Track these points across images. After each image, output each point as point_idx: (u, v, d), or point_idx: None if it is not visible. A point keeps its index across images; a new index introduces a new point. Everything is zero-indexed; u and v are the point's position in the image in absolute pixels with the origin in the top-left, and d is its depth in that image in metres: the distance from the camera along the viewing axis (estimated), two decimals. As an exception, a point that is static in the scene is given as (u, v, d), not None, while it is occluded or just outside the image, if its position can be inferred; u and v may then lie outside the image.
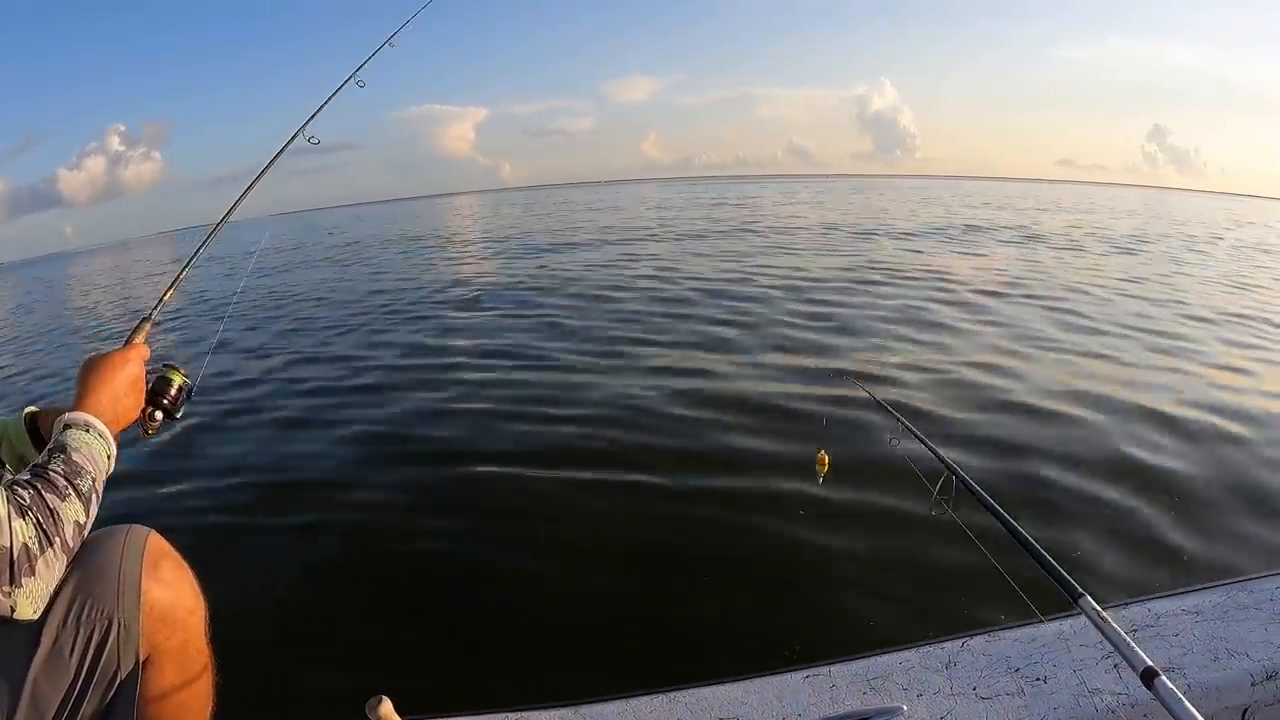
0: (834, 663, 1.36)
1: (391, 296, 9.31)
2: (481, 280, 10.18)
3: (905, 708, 1.29)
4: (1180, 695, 0.57)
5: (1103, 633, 0.74)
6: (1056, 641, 1.40)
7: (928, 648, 1.39)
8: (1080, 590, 0.81)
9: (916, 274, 9.25)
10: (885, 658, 1.37)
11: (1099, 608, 0.76)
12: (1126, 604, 1.49)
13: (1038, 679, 1.34)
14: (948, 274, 9.25)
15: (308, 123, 1.78)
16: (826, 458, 2.36)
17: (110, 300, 15.31)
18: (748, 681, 1.34)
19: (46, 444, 1.22)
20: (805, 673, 1.35)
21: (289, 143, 1.76)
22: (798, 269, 9.63)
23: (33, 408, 1.28)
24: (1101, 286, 8.62)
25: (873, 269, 9.63)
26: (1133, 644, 0.68)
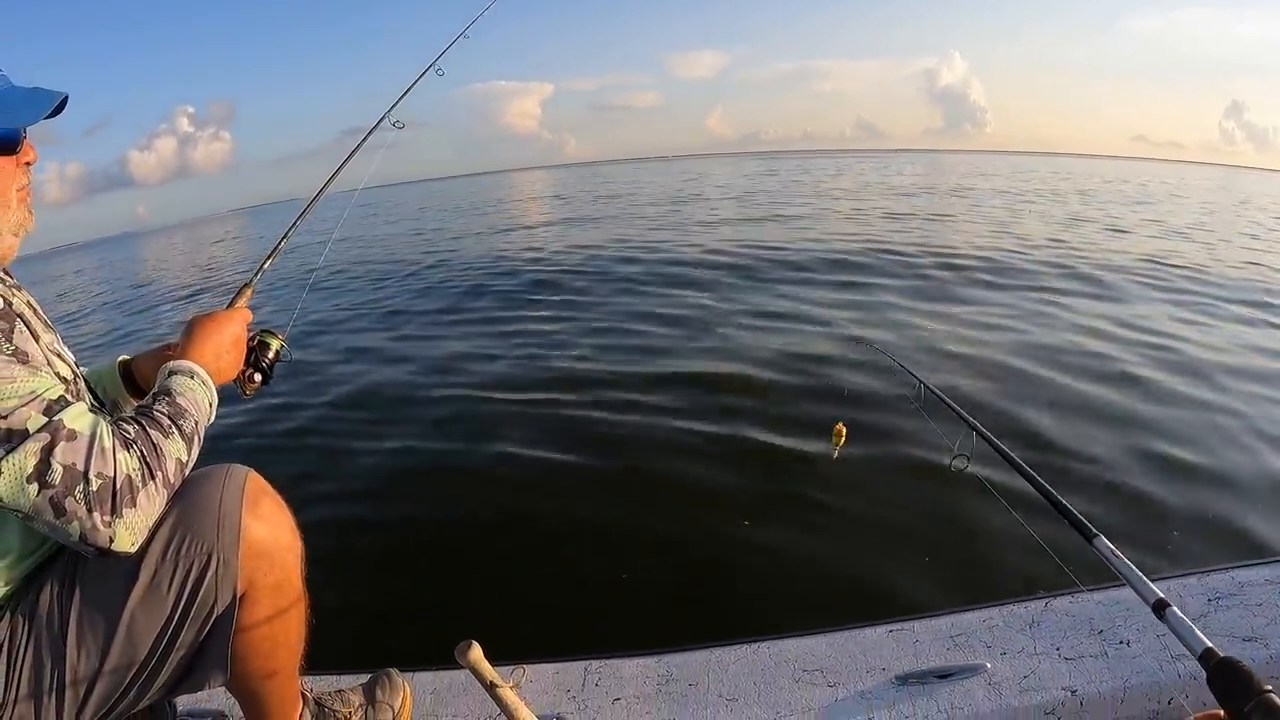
0: (918, 618, 1.36)
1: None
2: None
3: (989, 665, 1.30)
4: (1190, 623, 0.59)
5: (1114, 567, 0.76)
6: (1140, 605, 1.39)
7: (1011, 606, 1.38)
8: (1094, 530, 0.82)
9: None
10: (968, 615, 1.37)
11: (1112, 545, 0.78)
12: (1209, 571, 1.47)
13: (1121, 642, 1.33)
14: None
15: (391, 109, 1.82)
16: (844, 430, 2.37)
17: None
18: (831, 634, 1.34)
19: (140, 390, 1.25)
20: (888, 627, 1.35)
21: (374, 128, 1.80)
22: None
23: (125, 356, 1.29)
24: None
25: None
26: (1143, 576, 0.70)
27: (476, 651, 1.25)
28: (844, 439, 2.31)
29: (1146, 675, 1.28)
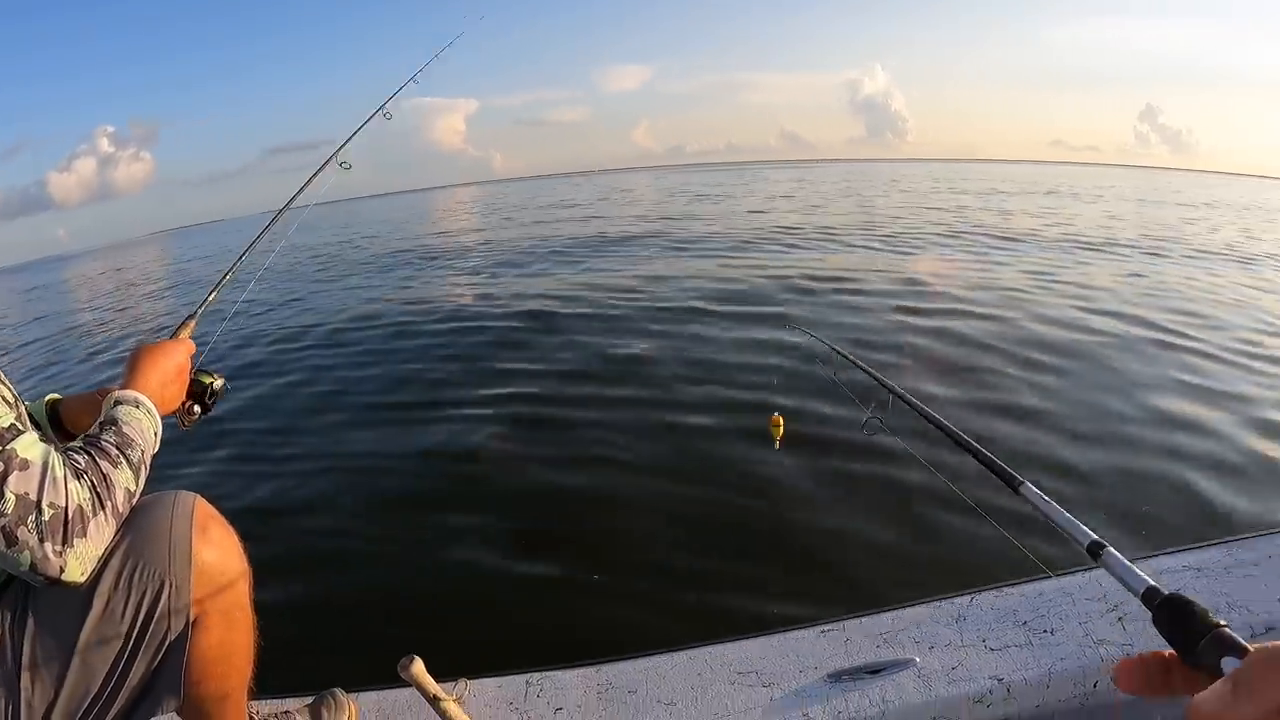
0: (847, 618, 1.40)
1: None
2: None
3: (918, 659, 1.34)
4: (1128, 563, 0.56)
5: (1045, 514, 0.73)
6: (1062, 596, 1.44)
7: (939, 603, 1.43)
8: (1020, 478, 0.80)
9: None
10: (897, 613, 1.41)
11: (1039, 492, 0.76)
12: (1135, 559, 1.52)
13: (1045, 631, 1.39)
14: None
15: (337, 151, 1.84)
16: (781, 420, 2.37)
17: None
18: (765, 638, 1.38)
19: (67, 432, 1.25)
20: (820, 628, 1.39)
21: (320, 169, 1.81)
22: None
23: (54, 395, 1.29)
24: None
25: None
26: (1076, 520, 0.67)
27: (419, 666, 1.27)
28: (781, 429, 2.32)
29: (1071, 661, 1.33)
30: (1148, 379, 4.14)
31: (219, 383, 1.29)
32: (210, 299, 1.42)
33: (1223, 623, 0.38)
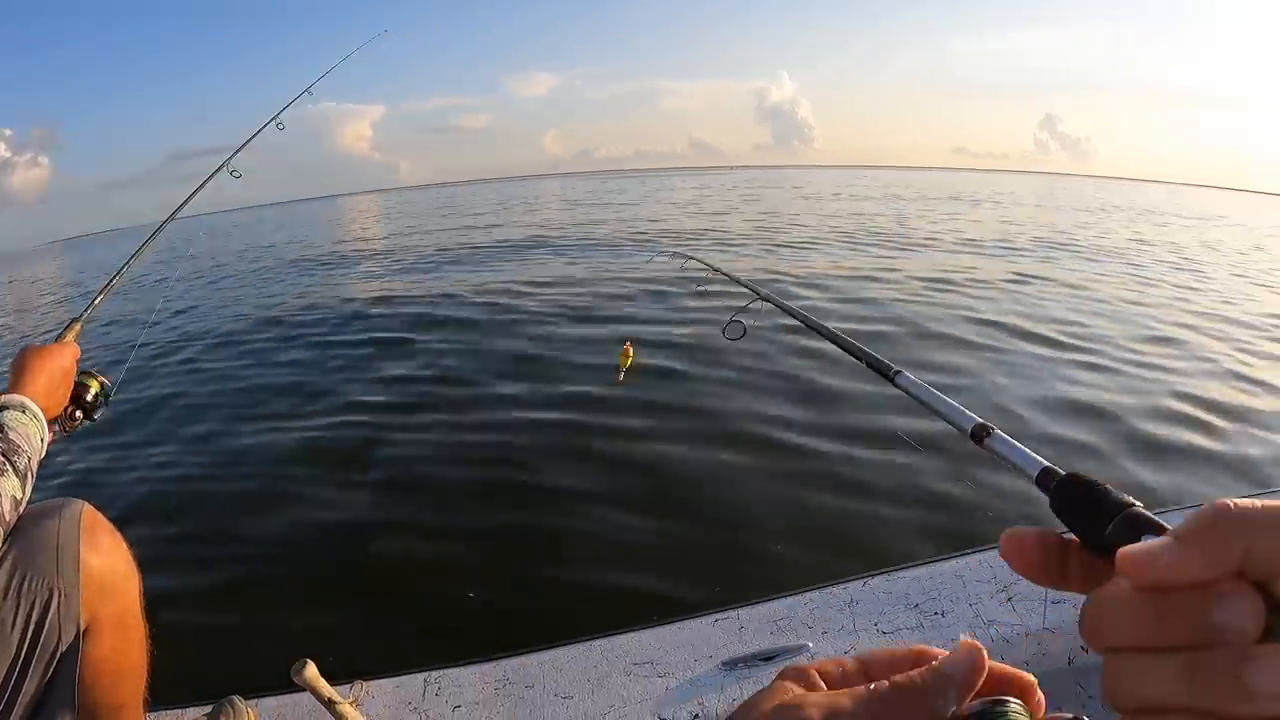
0: (741, 606, 1.43)
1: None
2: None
3: (811, 645, 1.37)
4: (1014, 442, 0.51)
5: (923, 401, 0.67)
6: (954, 578, 1.48)
7: (831, 589, 1.46)
8: (895, 368, 0.78)
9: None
10: (790, 600, 1.44)
11: (915, 378, 0.73)
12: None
13: (936, 613, 1.42)
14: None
15: (230, 159, 1.85)
16: (631, 349, 2.29)
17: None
18: (661, 628, 1.40)
19: None
20: (714, 617, 1.41)
21: (211, 177, 1.82)
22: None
23: None
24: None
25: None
26: (957, 405, 0.62)
27: (312, 670, 1.27)
28: (631, 358, 2.24)
29: None
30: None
31: (103, 386, 1.29)
32: (97, 302, 1.42)
33: (1136, 502, 0.32)
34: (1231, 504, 0.23)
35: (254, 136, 1.89)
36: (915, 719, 0.29)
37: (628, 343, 2.24)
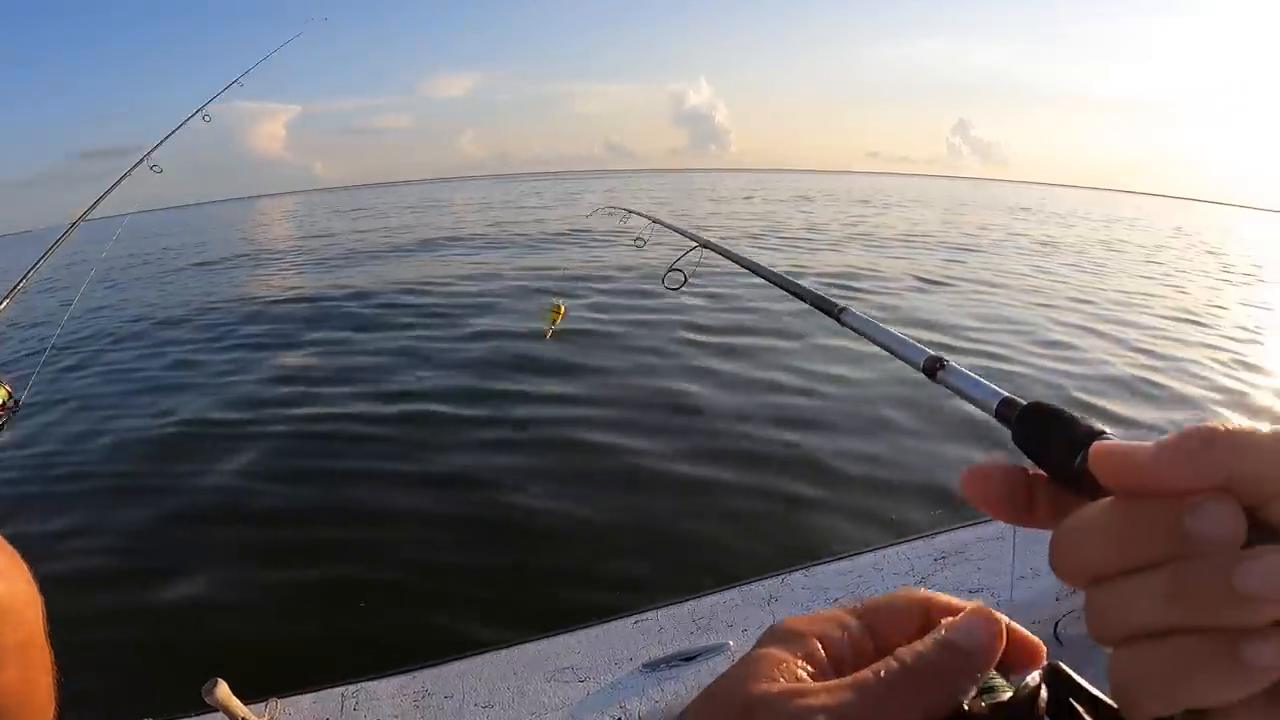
0: (660, 607, 1.44)
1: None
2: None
3: (731, 643, 1.38)
4: (970, 373, 0.49)
5: (871, 337, 0.65)
6: (872, 571, 1.51)
7: (750, 586, 1.48)
8: (841, 305, 0.78)
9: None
10: (710, 598, 1.45)
11: (864, 314, 0.72)
12: (935, 533, 1.61)
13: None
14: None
15: (150, 153, 1.80)
16: (563, 308, 2.30)
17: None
18: (580, 631, 1.40)
19: None
20: (634, 619, 1.42)
21: (130, 170, 1.77)
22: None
23: None
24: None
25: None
26: (909, 339, 0.59)
27: (223, 689, 1.24)
28: (561, 315, 2.23)
29: None
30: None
31: (5, 394, 1.25)
32: (4, 306, 1.38)
33: (1107, 430, 0.29)
34: (1221, 425, 0.22)
35: (179, 128, 1.84)
36: (933, 708, 0.25)
37: (559, 302, 2.23)
